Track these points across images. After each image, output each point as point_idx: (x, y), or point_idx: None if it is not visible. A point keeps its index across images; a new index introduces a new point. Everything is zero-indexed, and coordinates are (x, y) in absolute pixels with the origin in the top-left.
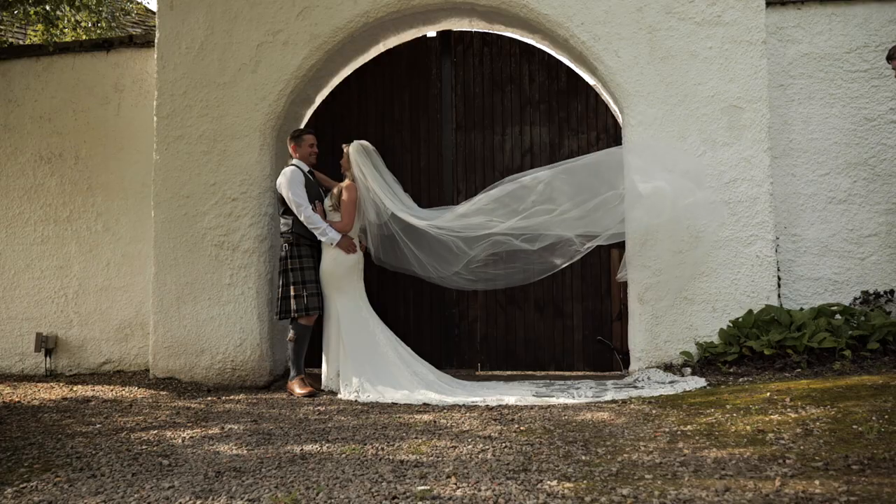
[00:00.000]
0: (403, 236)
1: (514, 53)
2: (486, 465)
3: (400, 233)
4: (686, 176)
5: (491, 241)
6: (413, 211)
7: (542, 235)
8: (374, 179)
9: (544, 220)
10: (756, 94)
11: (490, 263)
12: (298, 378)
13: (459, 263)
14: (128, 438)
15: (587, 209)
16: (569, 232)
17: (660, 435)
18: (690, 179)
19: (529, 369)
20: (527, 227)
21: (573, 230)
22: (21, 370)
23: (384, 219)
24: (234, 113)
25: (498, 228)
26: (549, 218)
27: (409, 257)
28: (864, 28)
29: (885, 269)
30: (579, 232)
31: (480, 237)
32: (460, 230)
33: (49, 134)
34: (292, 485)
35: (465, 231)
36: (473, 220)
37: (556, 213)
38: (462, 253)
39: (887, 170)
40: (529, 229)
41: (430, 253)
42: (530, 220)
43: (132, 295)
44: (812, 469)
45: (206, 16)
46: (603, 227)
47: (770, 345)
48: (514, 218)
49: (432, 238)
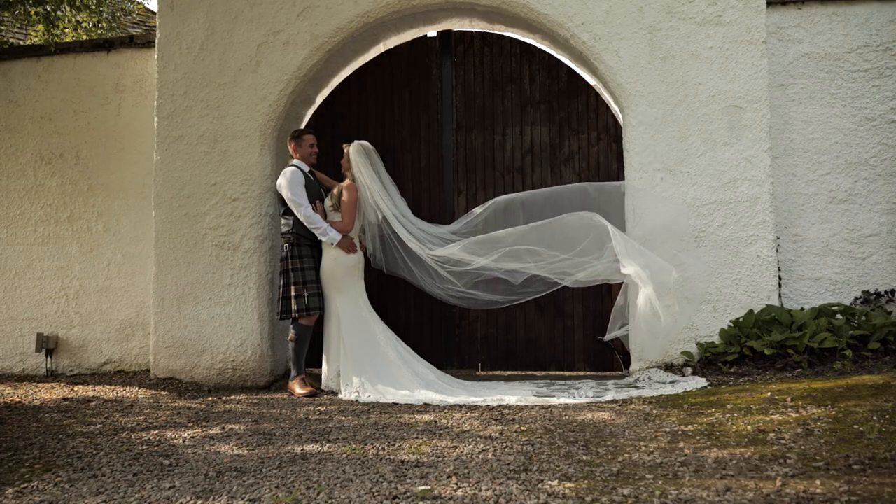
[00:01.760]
0: (395, 242)
1: (514, 53)
2: (487, 465)
3: (392, 237)
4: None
5: (473, 273)
6: (405, 222)
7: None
8: (371, 181)
9: (524, 266)
10: (757, 94)
11: (478, 285)
12: (299, 378)
13: (444, 284)
14: (129, 438)
15: (563, 260)
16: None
17: (661, 435)
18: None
19: (530, 369)
20: (510, 269)
21: (554, 275)
22: (22, 370)
23: (379, 220)
24: (234, 113)
25: (479, 263)
26: (529, 265)
27: (399, 262)
28: (864, 28)
29: (885, 269)
30: (559, 278)
31: (465, 272)
32: (444, 262)
33: (50, 134)
34: (293, 485)
35: (447, 265)
36: (456, 257)
37: (533, 261)
38: (447, 279)
39: (888, 169)
40: (513, 271)
41: (418, 263)
42: (512, 264)
43: (133, 295)
44: (813, 469)
45: (206, 16)
46: (584, 274)
47: (771, 345)
48: (493, 256)
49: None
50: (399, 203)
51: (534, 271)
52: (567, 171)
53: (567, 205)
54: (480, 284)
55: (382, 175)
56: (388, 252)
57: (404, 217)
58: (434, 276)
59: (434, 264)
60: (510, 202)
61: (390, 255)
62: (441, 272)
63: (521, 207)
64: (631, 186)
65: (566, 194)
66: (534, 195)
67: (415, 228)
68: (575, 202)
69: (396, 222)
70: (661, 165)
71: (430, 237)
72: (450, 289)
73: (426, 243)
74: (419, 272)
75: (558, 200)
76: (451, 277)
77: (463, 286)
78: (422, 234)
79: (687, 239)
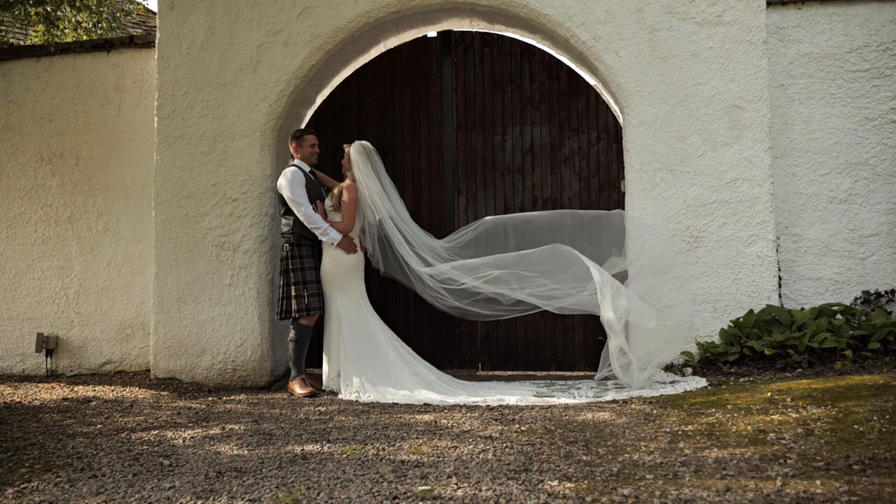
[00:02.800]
0: (388, 245)
1: (514, 53)
2: (487, 465)
3: (385, 240)
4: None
5: (462, 291)
6: (402, 225)
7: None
8: (370, 181)
9: (511, 290)
10: (757, 94)
11: (467, 300)
12: (299, 378)
13: (434, 293)
14: (129, 439)
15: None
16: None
17: (661, 435)
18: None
19: (530, 369)
20: (498, 292)
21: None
22: (22, 370)
23: (376, 222)
24: (234, 113)
25: (469, 284)
26: (515, 290)
27: (394, 265)
28: (864, 28)
29: (886, 269)
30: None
31: (454, 289)
32: (434, 277)
33: (50, 134)
34: (293, 485)
35: (438, 279)
36: (447, 275)
37: (520, 286)
38: (438, 290)
39: (888, 169)
40: (501, 294)
41: (412, 270)
42: (500, 288)
43: (133, 295)
44: (813, 469)
45: (206, 16)
46: (568, 302)
47: (771, 345)
48: (482, 279)
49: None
50: (397, 205)
51: (519, 296)
52: (567, 171)
53: (556, 231)
54: (469, 300)
55: (382, 176)
56: (385, 254)
57: (402, 221)
58: (425, 285)
59: (426, 278)
60: (499, 226)
61: (387, 257)
62: (432, 285)
63: (512, 231)
64: (621, 214)
65: (557, 221)
66: (524, 220)
67: (410, 234)
68: (565, 229)
69: (392, 225)
70: (661, 165)
71: (423, 246)
72: (440, 298)
73: (419, 249)
74: (413, 277)
75: (546, 227)
76: (442, 291)
77: (453, 299)
78: (415, 240)
79: (674, 271)
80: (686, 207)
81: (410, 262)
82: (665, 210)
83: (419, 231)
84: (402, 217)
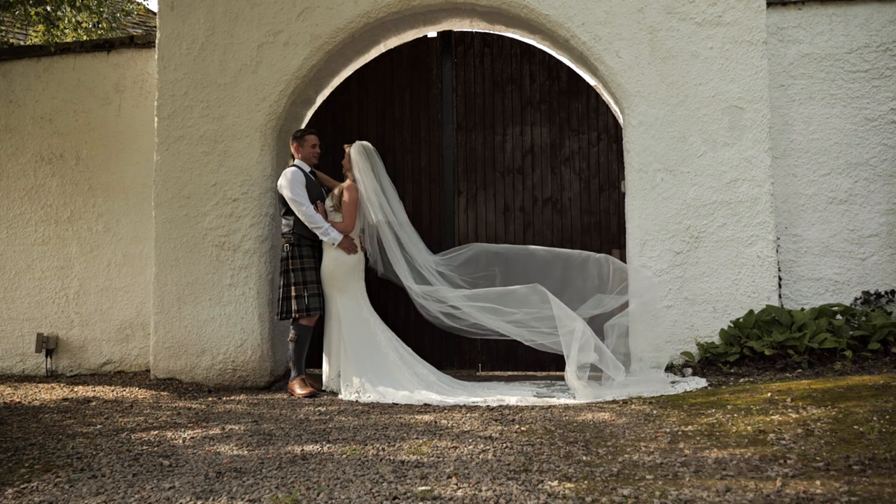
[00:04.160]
0: (381, 248)
1: (514, 54)
2: (487, 465)
3: (378, 242)
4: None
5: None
6: (398, 229)
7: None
8: (370, 182)
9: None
10: (757, 95)
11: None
12: (299, 378)
13: (421, 300)
14: (128, 439)
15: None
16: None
17: (661, 435)
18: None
19: (530, 369)
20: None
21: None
22: (22, 371)
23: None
24: (234, 113)
25: (455, 303)
26: (498, 322)
27: (389, 267)
28: (864, 28)
29: (885, 270)
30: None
31: (440, 304)
32: (424, 292)
33: (50, 134)
34: (293, 485)
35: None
36: (437, 296)
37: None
38: (423, 303)
39: (888, 170)
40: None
41: (403, 272)
42: (484, 317)
43: (133, 295)
44: (813, 469)
45: (206, 16)
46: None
47: (771, 345)
48: (468, 304)
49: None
50: (396, 207)
51: (503, 329)
52: (567, 171)
53: (545, 268)
54: (453, 320)
55: (382, 177)
56: (383, 255)
57: (399, 225)
58: (413, 293)
59: (413, 295)
60: (489, 256)
61: (385, 259)
62: (418, 300)
63: (503, 262)
64: (608, 258)
65: (546, 259)
66: (515, 253)
67: (405, 238)
68: (556, 266)
69: (387, 229)
70: (661, 166)
71: (416, 256)
72: (424, 308)
73: (412, 258)
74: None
75: (535, 262)
76: (428, 303)
77: (441, 316)
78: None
79: (655, 312)
80: (686, 208)
81: (399, 272)
82: (665, 210)
83: (416, 238)
84: (399, 221)
